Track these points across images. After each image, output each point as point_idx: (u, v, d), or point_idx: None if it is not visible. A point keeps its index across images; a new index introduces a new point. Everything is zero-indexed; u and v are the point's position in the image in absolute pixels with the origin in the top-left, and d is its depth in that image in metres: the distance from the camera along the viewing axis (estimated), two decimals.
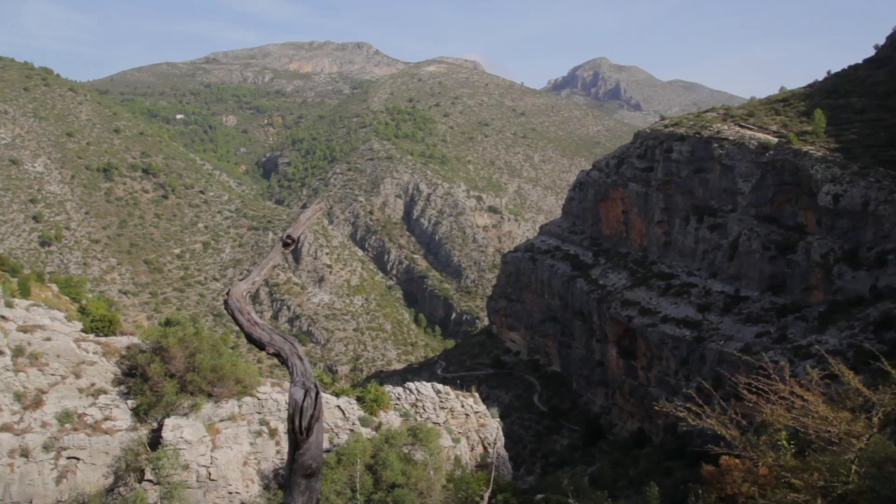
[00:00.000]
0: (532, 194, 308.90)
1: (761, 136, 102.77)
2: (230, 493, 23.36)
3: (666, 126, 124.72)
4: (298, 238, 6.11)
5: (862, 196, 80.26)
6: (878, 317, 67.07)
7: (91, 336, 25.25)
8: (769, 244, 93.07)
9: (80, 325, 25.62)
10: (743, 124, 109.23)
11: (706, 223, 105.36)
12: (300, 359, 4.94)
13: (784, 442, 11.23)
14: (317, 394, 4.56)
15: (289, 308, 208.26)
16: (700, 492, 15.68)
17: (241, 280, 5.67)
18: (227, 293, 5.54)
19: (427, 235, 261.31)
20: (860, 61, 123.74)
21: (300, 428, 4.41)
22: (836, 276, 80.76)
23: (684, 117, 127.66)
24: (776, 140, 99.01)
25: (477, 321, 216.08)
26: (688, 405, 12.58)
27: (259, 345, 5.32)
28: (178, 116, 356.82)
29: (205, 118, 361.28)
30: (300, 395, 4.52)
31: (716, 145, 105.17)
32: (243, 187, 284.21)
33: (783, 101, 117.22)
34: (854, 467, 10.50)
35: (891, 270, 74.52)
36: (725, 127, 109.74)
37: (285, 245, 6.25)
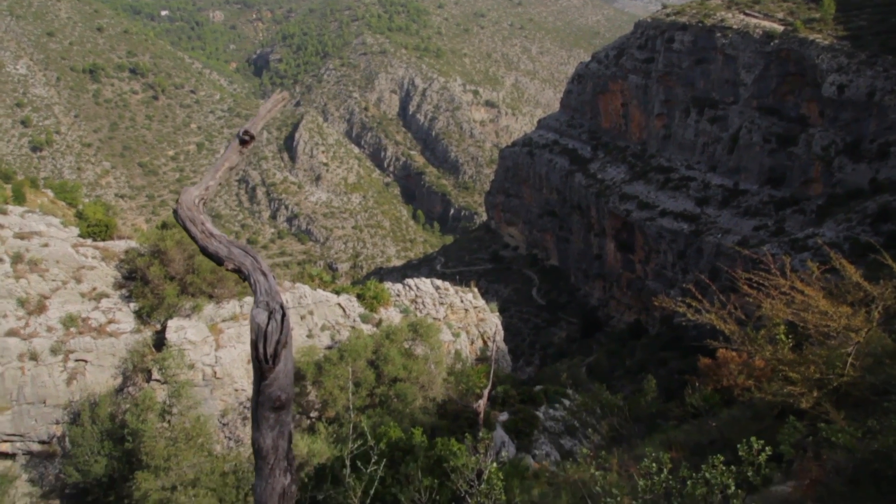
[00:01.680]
0: (529, 87, 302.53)
1: (766, 24, 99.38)
2: (236, 390, 23.94)
3: (668, 15, 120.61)
4: (257, 134, 5.37)
5: (868, 86, 78.55)
6: (876, 209, 67.10)
7: (89, 241, 25.18)
8: (770, 137, 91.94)
9: (76, 231, 25.51)
10: (748, 12, 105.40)
11: (706, 116, 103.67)
12: (264, 275, 4.36)
13: (782, 336, 11.31)
14: (283, 315, 4.06)
15: (286, 207, 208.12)
16: (696, 384, 16.03)
17: (192, 185, 5.05)
18: (178, 201, 4.94)
19: (423, 131, 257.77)
20: None
21: (265, 355, 3.95)
22: (836, 169, 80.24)
23: (687, 5, 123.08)
24: (782, 28, 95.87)
25: (475, 217, 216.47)
26: (687, 300, 12.60)
27: (216, 259, 4.65)
28: (163, 13, 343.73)
29: (191, 14, 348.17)
30: (264, 318, 4.01)
31: (719, 34, 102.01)
32: (234, 86, 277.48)
33: None
34: (850, 360, 10.63)
35: (892, 163, 73.96)
36: (729, 15, 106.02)
37: (243, 143, 5.36)
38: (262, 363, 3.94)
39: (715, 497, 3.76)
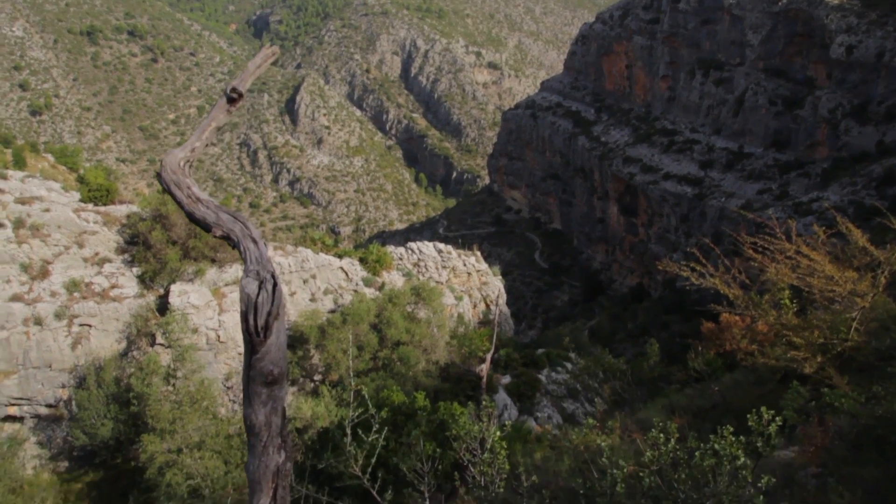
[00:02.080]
0: (533, 49, 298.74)
1: None
2: (239, 353, 24.05)
3: None
4: (245, 92, 5.01)
5: (877, 47, 77.39)
6: (881, 173, 66.58)
7: (90, 206, 25.07)
8: (776, 99, 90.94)
9: (77, 196, 25.38)
10: None
11: (712, 77, 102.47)
12: (254, 242, 4.11)
13: (786, 301, 11.25)
14: (274, 285, 3.78)
15: (288, 171, 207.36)
16: (699, 348, 16.04)
17: (177, 147, 4.74)
18: (161, 163, 4.60)
19: (426, 93, 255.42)
20: None
21: (256, 328, 3.69)
22: (842, 132, 79.48)
23: None
24: None
25: (478, 180, 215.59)
26: (691, 264, 12.51)
27: (204, 226, 4.35)
28: None
29: None
30: (254, 289, 3.73)
31: None
32: (234, 48, 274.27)
33: None
34: (855, 325, 10.58)
35: None
36: None
37: (230, 101, 5.02)
38: (253, 336, 3.70)
39: (724, 468, 3.72)
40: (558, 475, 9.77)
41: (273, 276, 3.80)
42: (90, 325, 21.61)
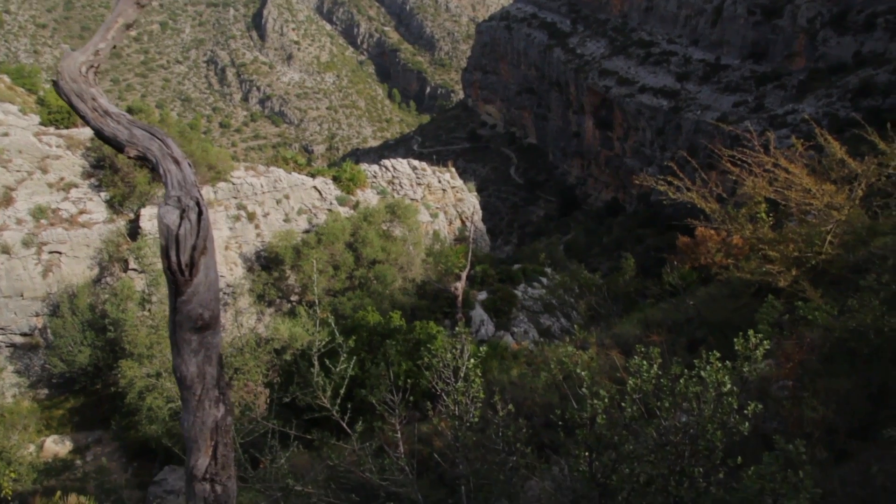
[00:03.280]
0: None
1: None
2: None
3: None
4: None
5: None
6: (857, 84, 66.26)
7: (51, 129, 24.19)
8: (754, 8, 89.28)
9: (37, 119, 24.41)
10: None
11: None
12: (176, 163, 3.44)
13: (763, 214, 11.20)
14: (200, 214, 3.20)
15: (258, 89, 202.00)
16: (674, 262, 16.12)
17: (76, 50, 3.95)
18: (58, 70, 3.81)
19: (397, 5, 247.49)
20: None
21: (179, 265, 3.10)
22: (820, 42, 78.57)
23: None
24: None
25: (452, 94, 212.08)
26: (668, 178, 12.37)
27: (115, 144, 3.61)
28: None
29: None
30: (174, 219, 3.11)
31: None
32: None
33: None
34: (829, 238, 10.59)
35: (878, 35, 72.36)
36: None
37: None
38: (177, 275, 3.10)
39: (709, 395, 3.65)
40: (535, 392, 9.87)
41: (198, 203, 3.25)
42: (60, 253, 21.20)
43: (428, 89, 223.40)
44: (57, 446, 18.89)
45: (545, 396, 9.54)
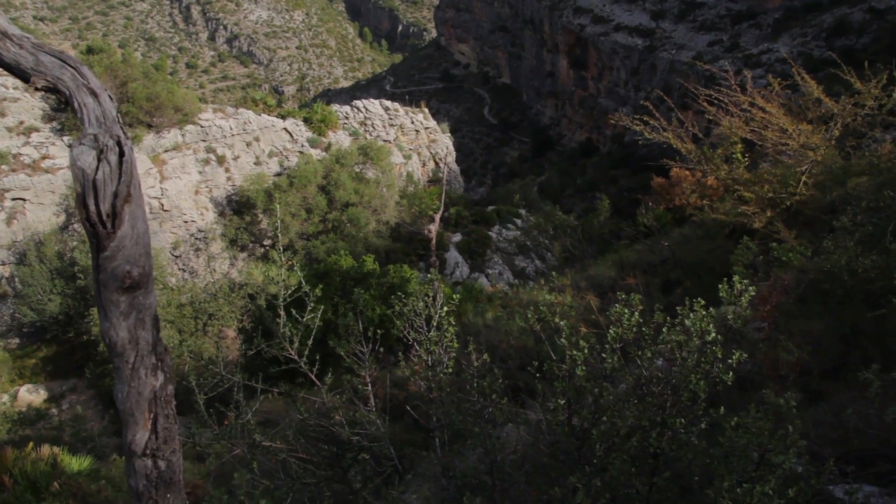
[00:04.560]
0: None
1: None
2: (185, 221, 23.45)
3: None
4: None
5: None
6: (832, 22, 65.93)
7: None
8: None
9: None
10: None
11: None
12: (94, 95, 2.85)
13: (738, 155, 11.13)
14: (121, 154, 2.65)
15: (225, 27, 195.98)
16: (649, 203, 16.09)
17: None
18: None
19: None
20: None
21: (99, 215, 2.59)
22: None
23: None
24: None
25: (424, 33, 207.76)
26: (644, 118, 12.21)
27: (18, 73, 2.97)
28: None
29: None
30: (89, 161, 2.56)
31: None
32: None
33: None
34: (804, 179, 10.57)
35: None
36: None
37: None
38: (98, 227, 2.60)
39: (693, 345, 3.57)
40: (510, 335, 9.87)
41: (119, 143, 2.69)
42: (24, 199, 20.61)
43: (400, 28, 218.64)
44: (31, 395, 18.70)
45: (520, 339, 9.54)
